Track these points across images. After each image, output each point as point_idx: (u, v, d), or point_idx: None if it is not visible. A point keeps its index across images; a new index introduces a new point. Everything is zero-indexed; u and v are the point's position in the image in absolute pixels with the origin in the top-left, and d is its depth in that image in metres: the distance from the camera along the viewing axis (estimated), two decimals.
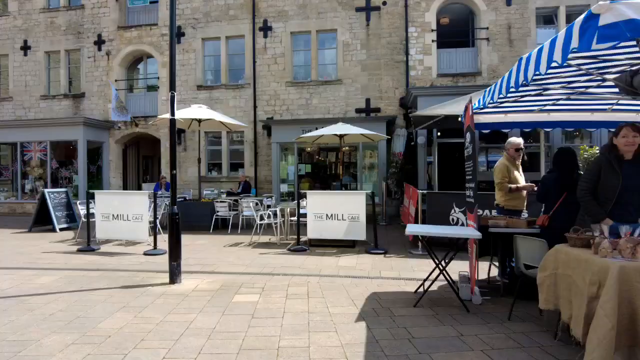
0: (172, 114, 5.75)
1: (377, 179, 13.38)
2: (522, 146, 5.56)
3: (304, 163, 14.59)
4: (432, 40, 13.23)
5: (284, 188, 14.07)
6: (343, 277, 5.87)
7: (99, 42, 15.63)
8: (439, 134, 12.11)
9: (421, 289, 4.83)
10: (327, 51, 14.49)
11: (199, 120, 10.59)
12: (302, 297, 4.89)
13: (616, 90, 3.83)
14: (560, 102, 4.96)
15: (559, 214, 4.35)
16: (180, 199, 10.92)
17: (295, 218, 8.26)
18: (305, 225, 8.15)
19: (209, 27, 14.84)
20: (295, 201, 8.77)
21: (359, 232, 7.93)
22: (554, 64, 2.78)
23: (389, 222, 11.77)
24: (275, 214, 9.06)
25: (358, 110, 13.80)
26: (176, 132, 5.99)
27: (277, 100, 14.35)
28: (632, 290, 2.76)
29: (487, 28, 12.97)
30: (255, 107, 14.43)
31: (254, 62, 14.44)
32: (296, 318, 4.18)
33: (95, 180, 15.59)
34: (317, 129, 11.72)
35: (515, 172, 5.42)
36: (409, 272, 6.09)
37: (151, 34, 15.32)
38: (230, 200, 10.78)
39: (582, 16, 2.46)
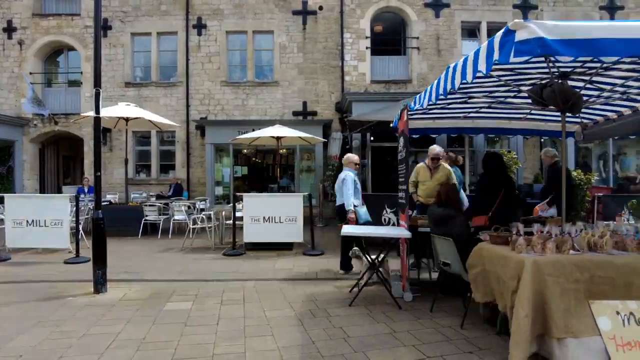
0: (97, 111, 5.36)
1: (315, 181, 13.50)
2: (439, 155, 6.02)
3: (240, 165, 14.33)
4: (367, 47, 13.64)
5: (219, 191, 13.71)
6: (280, 280, 5.84)
7: (9, 30, 14.17)
8: (372, 138, 12.51)
9: (356, 289, 4.95)
10: (264, 52, 14.38)
11: (127, 119, 9.99)
12: (238, 303, 4.79)
13: (529, 100, 4.21)
14: (483, 110, 5.35)
15: (500, 212, 4.68)
16: (105, 203, 10.21)
17: (230, 221, 8.08)
18: (241, 228, 8.01)
19: (139, 21, 14.07)
20: (231, 204, 8.58)
21: (297, 235, 7.95)
22: (479, 74, 3.00)
23: (325, 223, 11.93)
24: (209, 218, 8.79)
25: (295, 113, 13.84)
26: (101, 131, 5.60)
27: (212, 100, 13.96)
28: (543, 282, 3.05)
29: (418, 38, 13.65)
30: (188, 106, 13.92)
31: (187, 60, 13.93)
32: (232, 324, 4.09)
33: (6, 183, 14.07)
34: (253, 130, 11.58)
35: (427, 180, 5.88)
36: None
37: (73, 24, 14.19)
38: (161, 203, 10.29)
39: (501, 31, 2.68)
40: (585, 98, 4.28)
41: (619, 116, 5.31)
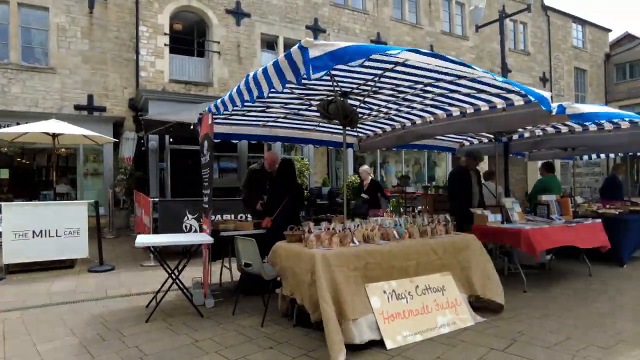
0: None
1: (103, 186, 11.95)
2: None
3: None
4: (165, 44, 12.89)
5: None
6: (58, 304, 4.93)
7: None
8: (171, 140, 11.89)
9: (154, 302, 4.60)
10: (36, 31, 11.94)
11: None
12: None
13: (318, 114, 4.75)
14: (280, 119, 5.75)
15: (281, 215, 4.99)
16: None
17: None
18: (0, 246, 6.42)
19: None
20: None
21: (80, 249, 6.86)
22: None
23: (117, 234, 10.68)
24: None
25: (78, 107, 11.95)
26: None
27: None
28: (332, 272, 3.48)
29: (219, 42, 13.68)
30: None
31: None
32: None
33: None
34: (18, 124, 9.45)
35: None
36: (141, 287, 5.69)
37: None
38: None
39: (295, 47, 2.90)
40: (360, 115, 5.10)
41: (383, 132, 6.52)
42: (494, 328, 3.93)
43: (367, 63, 3.72)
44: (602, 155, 9.58)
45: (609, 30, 26.48)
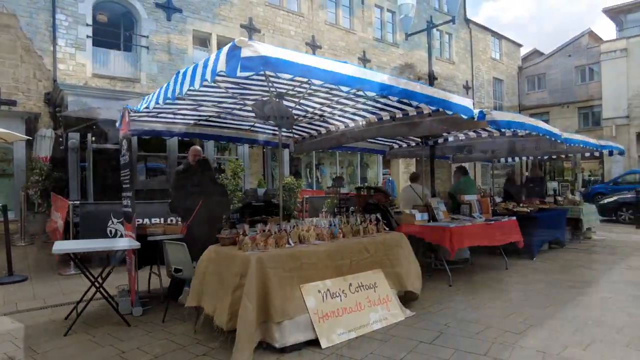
0: None
1: (13, 188, 10.81)
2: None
3: None
4: (88, 36, 11.99)
5: None
6: None
7: None
8: (94, 138, 11.08)
9: (74, 314, 4.26)
10: None
11: None
12: None
13: (253, 114, 4.70)
14: (213, 118, 5.60)
15: (197, 219, 4.82)
16: None
17: None
18: None
19: None
20: None
21: None
22: (205, 82, 3.10)
23: (31, 241, 9.72)
24: None
25: None
26: None
27: None
28: (266, 274, 3.45)
29: (148, 37, 13.00)
30: None
31: None
32: None
33: None
34: None
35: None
36: (59, 298, 5.23)
37: None
38: None
39: (228, 45, 2.87)
40: (295, 116, 5.12)
41: (318, 134, 6.60)
42: (423, 321, 4.14)
43: None
44: (517, 159, 10.52)
45: (520, 45, 29.22)
